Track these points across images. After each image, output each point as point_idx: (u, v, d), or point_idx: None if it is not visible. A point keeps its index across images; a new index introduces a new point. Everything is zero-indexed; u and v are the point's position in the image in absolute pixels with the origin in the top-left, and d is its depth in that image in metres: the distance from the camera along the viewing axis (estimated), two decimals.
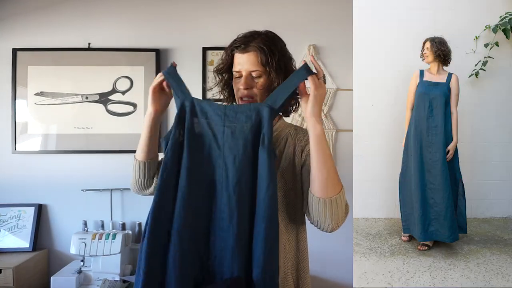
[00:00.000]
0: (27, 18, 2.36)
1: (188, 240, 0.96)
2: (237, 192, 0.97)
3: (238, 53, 1.11)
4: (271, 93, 1.06)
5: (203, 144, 1.02)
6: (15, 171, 2.34)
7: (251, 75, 1.10)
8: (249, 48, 1.10)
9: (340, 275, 2.38)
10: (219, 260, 0.97)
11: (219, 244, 0.98)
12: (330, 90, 2.44)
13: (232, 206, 0.97)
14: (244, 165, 0.98)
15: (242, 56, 1.10)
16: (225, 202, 0.97)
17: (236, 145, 0.99)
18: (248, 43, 1.10)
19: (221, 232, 0.98)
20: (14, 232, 2.25)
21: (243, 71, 1.10)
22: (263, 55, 1.09)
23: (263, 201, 0.95)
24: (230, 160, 0.99)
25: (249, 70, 1.10)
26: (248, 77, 1.10)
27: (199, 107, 1.03)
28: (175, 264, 0.94)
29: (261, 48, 1.09)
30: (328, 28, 2.43)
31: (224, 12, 2.41)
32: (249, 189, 0.98)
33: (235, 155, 0.99)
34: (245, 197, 0.97)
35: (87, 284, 2.04)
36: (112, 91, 2.35)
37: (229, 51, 1.14)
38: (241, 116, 1.01)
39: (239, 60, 1.11)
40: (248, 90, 1.11)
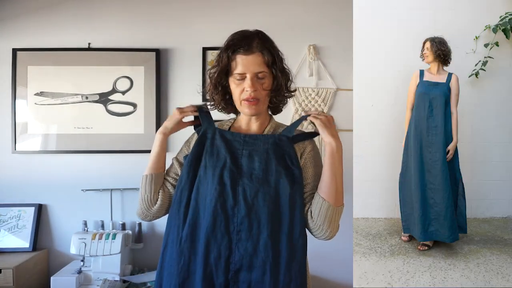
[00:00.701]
0: (27, 18, 2.36)
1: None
2: (255, 206, 1.06)
3: (242, 54, 1.08)
4: (275, 94, 1.14)
5: (220, 162, 1.11)
6: (15, 171, 2.34)
7: (256, 76, 1.09)
8: (253, 49, 1.08)
9: (340, 275, 2.38)
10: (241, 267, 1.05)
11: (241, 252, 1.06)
12: (330, 90, 2.44)
13: (252, 218, 1.06)
14: (261, 180, 1.07)
15: (247, 57, 1.08)
16: (244, 215, 1.06)
17: (253, 162, 1.09)
18: (250, 44, 1.09)
19: (241, 244, 1.05)
20: (14, 232, 2.25)
21: (248, 72, 1.08)
22: (268, 56, 1.10)
23: (294, 220, 1.07)
24: (247, 177, 1.08)
25: (254, 72, 1.08)
26: (253, 78, 1.09)
27: (220, 134, 1.15)
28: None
29: (265, 49, 1.10)
30: (328, 28, 2.43)
31: (224, 12, 2.41)
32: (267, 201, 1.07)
33: (252, 172, 1.08)
34: (263, 209, 1.06)
35: (87, 284, 2.04)
36: (112, 91, 2.35)
37: (229, 53, 1.10)
38: (260, 142, 1.12)
39: (242, 61, 1.08)
40: (255, 91, 1.09)
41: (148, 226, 2.33)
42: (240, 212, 1.05)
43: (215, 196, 1.06)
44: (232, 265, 1.04)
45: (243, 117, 1.20)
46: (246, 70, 1.08)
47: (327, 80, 2.44)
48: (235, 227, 1.05)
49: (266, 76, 1.11)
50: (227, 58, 1.10)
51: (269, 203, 1.05)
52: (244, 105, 1.12)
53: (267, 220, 1.04)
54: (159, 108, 2.35)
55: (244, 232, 1.04)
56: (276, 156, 1.09)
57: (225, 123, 1.24)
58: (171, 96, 2.39)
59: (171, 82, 2.39)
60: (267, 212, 1.05)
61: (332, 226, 1.07)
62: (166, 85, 2.39)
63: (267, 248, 1.03)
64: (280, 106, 1.21)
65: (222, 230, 1.05)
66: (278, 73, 1.12)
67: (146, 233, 2.33)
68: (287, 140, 1.12)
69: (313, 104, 2.43)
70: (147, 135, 2.33)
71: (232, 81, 1.12)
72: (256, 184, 1.06)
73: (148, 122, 2.34)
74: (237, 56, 1.09)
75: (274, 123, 1.22)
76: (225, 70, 1.12)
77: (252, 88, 1.08)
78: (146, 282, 2.03)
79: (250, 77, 1.08)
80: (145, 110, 2.34)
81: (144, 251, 2.31)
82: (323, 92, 2.43)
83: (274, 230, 1.05)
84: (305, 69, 2.42)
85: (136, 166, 2.35)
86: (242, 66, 1.08)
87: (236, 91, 1.12)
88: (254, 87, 1.09)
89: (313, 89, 2.43)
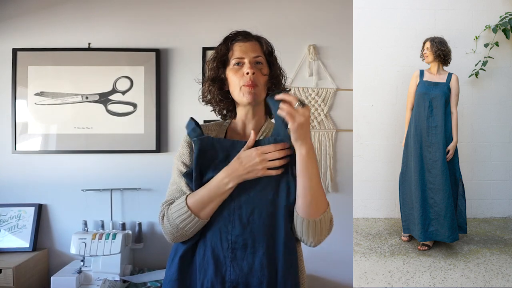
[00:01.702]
0: (28, 18, 2.36)
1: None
2: (251, 224, 1.03)
3: (240, 42, 1.13)
4: (272, 82, 1.14)
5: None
6: (15, 171, 2.34)
7: (255, 61, 1.12)
8: (251, 38, 1.14)
9: (340, 275, 2.38)
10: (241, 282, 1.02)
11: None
12: (330, 90, 2.44)
13: (247, 237, 1.03)
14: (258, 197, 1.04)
15: (245, 44, 1.12)
16: (239, 234, 1.03)
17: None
18: (248, 34, 1.15)
19: (237, 263, 1.03)
20: (14, 232, 2.25)
21: (246, 57, 1.11)
22: (266, 45, 1.16)
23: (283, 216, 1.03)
24: (244, 194, 1.05)
25: (253, 56, 1.11)
26: (252, 62, 1.11)
27: (220, 145, 1.09)
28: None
29: (262, 40, 1.16)
30: (328, 28, 2.43)
31: (224, 12, 2.41)
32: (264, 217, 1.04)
33: (248, 190, 1.04)
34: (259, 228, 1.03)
35: (87, 284, 2.04)
36: (112, 91, 2.35)
37: (228, 43, 1.14)
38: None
39: (241, 48, 1.12)
40: (254, 74, 1.09)
41: (148, 226, 2.34)
42: (235, 231, 1.03)
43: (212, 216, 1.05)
44: (227, 284, 1.01)
45: (239, 117, 1.18)
46: (244, 55, 1.11)
47: (327, 80, 2.44)
48: (229, 245, 1.03)
49: (263, 63, 1.13)
50: (225, 49, 1.14)
51: (265, 219, 1.03)
52: (244, 90, 1.09)
53: (262, 238, 1.02)
54: (159, 108, 2.35)
55: (239, 251, 1.02)
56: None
57: (222, 125, 1.23)
58: (171, 96, 2.39)
59: (171, 82, 2.39)
60: (263, 230, 1.02)
61: (313, 237, 1.04)
62: (166, 85, 2.39)
63: (263, 267, 1.01)
64: None
65: (218, 248, 1.03)
66: (275, 62, 1.17)
67: (146, 233, 2.33)
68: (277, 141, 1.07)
69: (313, 104, 2.43)
70: (147, 135, 2.33)
71: (230, 70, 1.13)
72: (252, 203, 1.04)
73: (148, 122, 2.34)
74: (235, 45, 1.13)
75: (270, 123, 1.21)
76: (223, 60, 1.14)
77: (252, 70, 1.08)
78: (146, 282, 2.03)
79: (248, 61, 1.10)
80: (145, 110, 2.34)
81: (144, 251, 2.32)
82: (323, 92, 2.43)
83: (270, 246, 1.02)
84: (305, 69, 2.42)
85: (136, 166, 2.36)
86: (240, 51, 1.12)
87: (234, 78, 1.11)
88: (254, 70, 1.09)
89: (313, 89, 2.43)
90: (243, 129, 1.19)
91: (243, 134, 1.18)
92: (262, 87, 1.11)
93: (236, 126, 1.20)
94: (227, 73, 1.14)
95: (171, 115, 2.39)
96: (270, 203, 1.04)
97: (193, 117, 1.13)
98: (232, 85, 1.13)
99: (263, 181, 1.04)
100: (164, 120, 2.38)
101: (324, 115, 2.44)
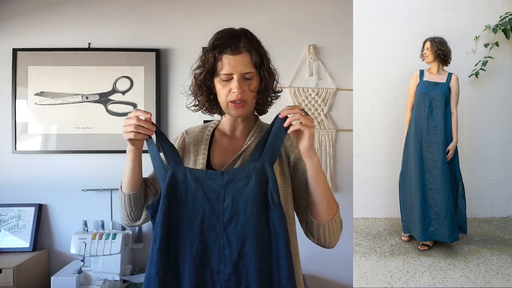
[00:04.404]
0: (28, 18, 2.36)
1: None
2: (242, 258, 0.97)
3: (229, 55, 1.04)
4: (261, 95, 1.10)
5: (197, 216, 0.99)
6: (15, 171, 2.34)
7: (243, 77, 1.05)
8: (240, 49, 1.04)
9: (340, 275, 2.38)
10: None
11: None
12: (330, 90, 2.44)
13: (241, 272, 0.97)
14: (247, 228, 0.97)
15: (234, 57, 1.03)
16: (231, 272, 0.97)
17: (237, 210, 0.98)
18: (237, 43, 1.04)
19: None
20: (14, 232, 2.25)
21: (235, 73, 1.03)
22: (256, 56, 1.06)
23: (285, 259, 0.97)
24: (232, 227, 0.98)
25: (242, 72, 1.04)
26: (241, 79, 1.04)
27: (193, 177, 1.00)
28: None
29: (253, 49, 1.06)
30: (328, 28, 2.43)
31: (224, 12, 2.41)
32: (255, 250, 0.97)
33: (237, 221, 0.98)
34: (251, 260, 0.97)
35: (87, 284, 2.04)
36: (112, 91, 2.35)
37: (215, 53, 1.05)
38: (241, 180, 0.99)
39: (230, 62, 1.03)
40: (242, 93, 1.04)
41: (148, 226, 2.33)
42: (226, 269, 0.97)
43: (198, 257, 0.97)
44: None
45: (228, 119, 1.17)
46: (233, 71, 1.04)
47: (327, 80, 2.44)
48: (222, 284, 0.97)
49: (253, 77, 1.06)
50: (213, 58, 1.06)
51: (258, 247, 0.97)
52: (231, 107, 1.07)
53: (255, 272, 0.96)
54: (159, 108, 2.35)
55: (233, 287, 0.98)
56: (262, 190, 0.98)
57: (209, 125, 1.21)
58: (171, 96, 2.39)
59: (171, 82, 2.39)
60: (255, 259, 0.96)
61: (333, 237, 1.09)
62: (166, 85, 2.39)
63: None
64: (265, 107, 1.19)
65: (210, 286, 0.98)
66: (266, 74, 1.08)
67: (146, 233, 2.33)
68: (271, 169, 1.00)
69: (313, 104, 2.43)
70: None
71: (218, 82, 1.08)
72: (242, 233, 0.97)
73: None
74: (223, 57, 1.04)
75: (261, 124, 1.20)
76: (211, 71, 1.07)
77: (239, 89, 1.03)
78: None
79: (237, 78, 1.04)
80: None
81: (144, 251, 2.31)
82: (323, 92, 2.43)
83: (264, 276, 0.97)
84: (305, 69, 2.42)
85: None
86: (229, 66, 1.04)
87: (222, 92, 1.07)
88: (241, 88, 1.04)
89: (313, 89, 2.43)
90: (231, 131, 1.18)
91: (231, 135, 1.18)
92: (250, 102, 1.08)
93: (225, 127, 1.19)
94: (215, 82, 1.09)
95: (171, 115, 2.39)
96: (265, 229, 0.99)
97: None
98: (219, 96, 1.09)
99: (252, 215, 0.98)
100: (164, 120, 2.38)
101: (324, 115, 2.44)
